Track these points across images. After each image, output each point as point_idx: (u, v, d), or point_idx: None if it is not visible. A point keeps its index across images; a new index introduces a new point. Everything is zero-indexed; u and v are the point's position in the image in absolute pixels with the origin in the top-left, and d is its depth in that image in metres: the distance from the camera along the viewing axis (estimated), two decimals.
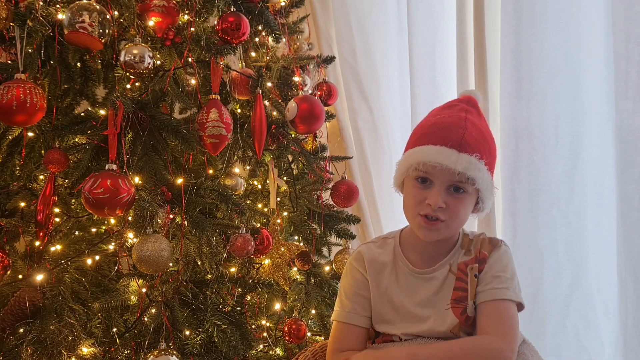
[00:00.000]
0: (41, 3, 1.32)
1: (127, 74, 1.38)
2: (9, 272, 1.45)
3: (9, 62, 1.43)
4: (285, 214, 1.85)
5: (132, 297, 1.46)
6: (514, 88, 1.99)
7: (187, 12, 1.52)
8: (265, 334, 1.69)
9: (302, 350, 1.36)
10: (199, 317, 1.46)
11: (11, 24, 1.29)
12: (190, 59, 1.47)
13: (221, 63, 1.49)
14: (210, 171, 1.61)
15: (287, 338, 1.63)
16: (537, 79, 1.97)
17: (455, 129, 1.01)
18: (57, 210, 1.50)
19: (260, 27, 1.71)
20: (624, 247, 1.85)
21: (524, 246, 1.99)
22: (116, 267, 1.49)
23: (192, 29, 1.49)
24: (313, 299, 1.75)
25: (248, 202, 1.80)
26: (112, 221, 1.56)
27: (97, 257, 1.54)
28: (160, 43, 1.46)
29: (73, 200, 1.55)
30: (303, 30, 2.06)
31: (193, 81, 1.55)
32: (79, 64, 1.48)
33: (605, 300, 1.90)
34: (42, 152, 1.52)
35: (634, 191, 1.84)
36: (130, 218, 1.43)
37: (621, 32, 1.85)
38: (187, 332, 1.44)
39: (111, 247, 1.57)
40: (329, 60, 1.88)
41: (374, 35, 2.40)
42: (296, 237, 1.93)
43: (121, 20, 1.45)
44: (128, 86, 1.48)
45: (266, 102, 1.61)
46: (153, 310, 1.44)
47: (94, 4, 1.30)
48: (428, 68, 2.27)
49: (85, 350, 1.35)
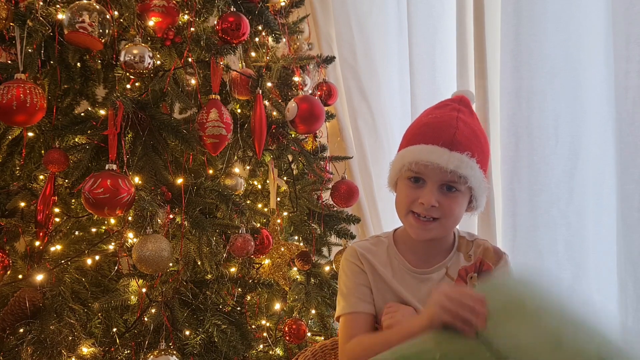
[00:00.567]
0: (41, 3, 1.32)
1: (127, 74, 1.38)
2: (9, 272, 1.45)
3: (9, 62, 1.43)
4: (285, 214, 1.85)
5: (132, 297, 1.46)
6: (514, 88, 1.98)
7: (187, 12, 1.52)
8: (265, 334, 1.69)
9: (302, 350, 1.36)
10: (199, 317, 1.46)
11: (11, 24, 1.29)
12: (190, 59, 1.47)
13: (221, 63, 1.49)
14: (210, 171, 1.61)
15: (287, 338, 1.63)
16: (537, 79, 1.96)
17: (447, 128, 1.02)
18: (57, 210, 1.50)
19: (260, 27, 1.71)
20: (623, 247, 1.85)
21: (523, 246, 1.99)
22: (116, 267, 1.49)
23: (192, 29, 1.49)
24: (313, 299, 1.75)
25: (248, 202, 1.80)
26: (112, 221, 1.56)
27: (97, 257, 1.55)
28: (160, 43, 1.46)
29: (73, 200, 1.55)
30: (303, 30, 2.06)
31: (193, 81, 1.56)
32: (79, 64, 1.49)
33: (605, 300, 1.90)
34: (42, 152, 1.52)
35: (634, 191, 1.83)
36: (130, 218, 1.43)
37: (621, 32, 1.84)
38: (187, 332, 1.44)
39: (111, 247, 1.57)
40: (329, 60, 1.88)
41: (374, 35, 2.40)
42: (296, 237, 1.93)
43: (121, 20, 1.45)
44: (128, 86, 1.48)
45: (266, 102, 1.61)
46: (153, 310, 1.44)
47: (94, 4, 1.30)
48: (428, 68, 2.27)
49: (85, 350, 1.35)
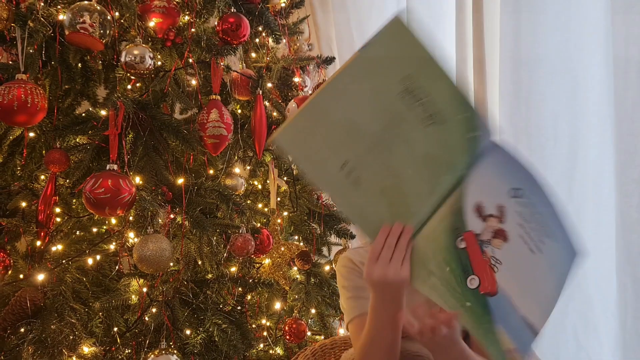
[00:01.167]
0: (42, 4, 1.32)
1: (128, 74, 1.39)
2: (10, 272, 1.45)
3: (10, 62, 1.44)
4: (285, 213, 1.85)
5: (133, 296, 1.46)
6: (513, 89, 1.99)
7: (187, 13, 1.53)
8: (265, 334, 1.70)
9: (302, 350, 1.36)
10: (200, 316, 1.46)
11: (12, 24, 1.29)
12: (190, 60, 1.47)
13: (221, 64, 1.50)
14: (211, 171, 1.62)
15: (288, 337, 1.64)
16: (537, 79, 1.97)
17: None
18: (58, 210, 1.50)
19: (260, 28, 1.72)
20: (623, 248, 1.85)
21: None
22: (117, 267, 1.49)
23: (193, 29, 1.49)
24: (313, 299, 1.75)
25: (248, 202, 1.81)
26: (113, 221, 1.56)
27: (98, 257, 1.55)
28: (161, 44, 1.46)
29: (74, 200, 1.56)
30: (303, 31, 2.07)
31: (193, 82, 1.56)
32: (79, 64, 1.49)
33: (604, 300, 1.90)
34: (43, 152, 1.53)
35: (633, 191, 1.84)
36: (131, 218, 1.43)
37: (621, 32, 1.85)
38: (188, 332, 1.45)
39: (112, 246, 1.57)
40: (329, 60, 1.89)
41: None
42: (296, 237, 1.93)
43: (122, 21, 1.46)
44: (129, 87, 1.49)
45: (266, 103, 1.61)
46: (154, 310, 1.44)
47: (95, 5, 1.31)
48: None
49: (86, 349, 1.35)
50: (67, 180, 1.52)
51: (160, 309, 1.42)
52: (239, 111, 1.71)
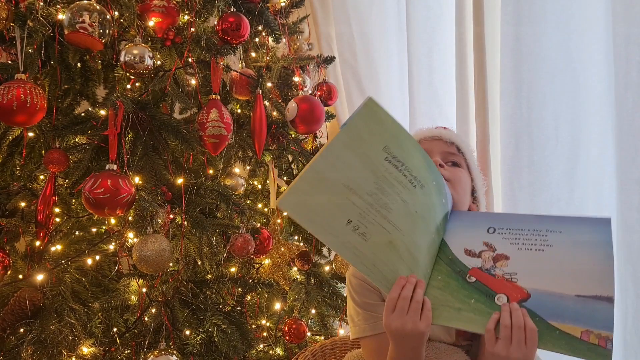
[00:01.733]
0: (41, 3, 1.32)
1: (128, 74, 1.39)
2: (9, 272, 1.45)
3: (10, 62, 1.43)
4: (285, 213, 1.85)
5: (133, 297, 1.46)
6: (514, 88, 1.98)
7: (187, 12, 1.53)
8: (265, 334, 1.69)
9: (302, 350, 1.36)
10: (199, 316, 1.46)
11: (11, 24, 1.29)
12: (190, 59, 1.47)
13: (221, 63, 1.50)
14: (211, 171, 1.62)
15: (287, 338, 1.64)
16: (537, 79, 1.96)
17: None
18: (57, 210, 1.50)
19: (260, 28, 1.71)
20: (623, 248, 1.85)
21: None
22: (116, 267, 1.49)
23: (192, 29, 1.49)
24: (313, 299, 1.75)
25: (248, 202, 1.81)
26: (113, 221, 1.56)
27: (98, 257, 1.55)
28: (161, 43, 1.46)
29: (73, 200, 1.56)
30: (303, 30, 2.07)
31: (193, 81, 1.56)
32: (79, 64, 1.48)
33: None
34: (43, 152, 1.53)
35: (633, 191, 1.84)
36: (130, 218, 1.43)
37: (621, 32, 1.85)
38: (187, 332, 1.44)
39: (111, 247, 1.57)
40: (329, 60, 1.88)
41: (374, 36, 2.40)
42: (296, 237, 1.93)
43: (121, 20, 1.46)
44: (128, 86, 1.48)
45: (266, 102, 1.61)
46: (153, 310, 1.44)
47: (94, 5, 1.30)
48: (426, 69, 2.28)
49: (85, 350, 1.35)
50: (67, 180, 1.51)
51: (159, 309, 1.42)
52: (239, 111, 1.71)
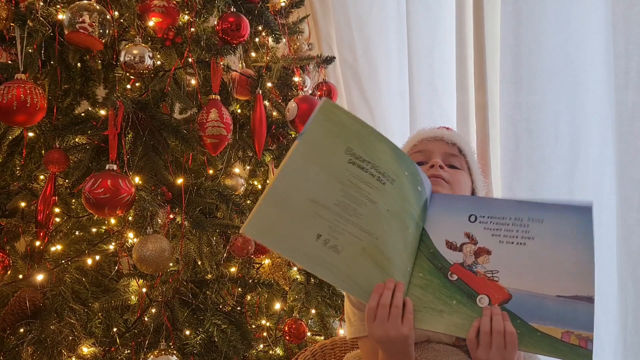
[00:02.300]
0: (41, 3, 1.32)
1: (128, 74, 1.39)
2: (9, 272, 1.45)
3: (10, 62, 1.43)
4: None
5: (133, 297, 1.46)
6: (514, 88, 1.98)
7: (187, 12, 1.53)
8: (265, 334, 1.69)
9: (301, 350, 1.36)
10: (199, 317, 1.46)
11: (11, 24, 1.29)
12: (190, 60, 1.47)
13: (221, 63, 1.50)
14: (210, 171, 1.62)
15: (287, 338, 1.63)
16: (537, 79, 1.96)
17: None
18: (57, 210, 1.50)
19: (260, 28, 1.71)
20: (623, 248, 1.85)
21: None
22: (116, 267, 1.49)
23: (192, 29, 1.49)
24: (313, 299, 1.75)
25: (248, 202, 1.80)
26: (113, 221, 1.56)
27: (98, 257, 1.55)
28: (161, 43, 1.46)
29: (73, 200, 1.56)
30: (303, 30, 2.06)
31: (193, 81, 1.56)
32: (79, 64, 1.49)
33: (604, 300, 1.90)
34: (43, 152, 1.53)
35: (633, 191, 1.84)
36: (130, 218, 1.43)
37: (621, 32, 1.85)
38: (187, 332, 1.44)
39: (111, 247, 1.57)
40: (329, 60, 1.88)
41: (374, 36, 2.40)
42: None
43: (121, 20, 1.46)
44: (128, 86, 1.48)
45: (266, 103, 1.61)
46: (153, 310, 1.44)
47: (94, 4, 1.30)
48: (426, 69, 2.28)
49: (85, 350, 1.35)
50: (67, 180, 1.51)
51: (159, 309, 1.42)
52: (239, 111, 1.71)
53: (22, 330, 1.34)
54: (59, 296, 1.38)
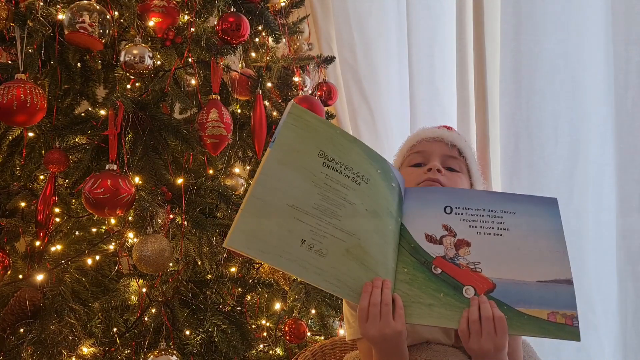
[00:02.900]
0: (41, 3, 1.32)
1: (128, 74, 1.39)
2: (9, 272, 1.45)
3: (10, 62, 1.43)
4: None
5: (133, 297, 1.46)
6: (513, 88, 1.99)
7: (187, 12, 1.53)
8: (265, 334, 1.69)
9: (302, 350, 1.36)
10: (199, 317, 1.46)
11: (11, 24, 1.29)
12: (190, 59, 1.47)
13: (221, 63, 1.50)
14: (210, 171, 1.62)
15: (287, 338, 1.63)
16: (537, 79, 1.97)
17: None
18: (57, 210, 1.50)
19: (260, 28, 1.71)
20: (623, 247, 1.85)
21: None
22: (116, 267, 1.49)
23: (192, 29, 1.49)
24: (313, 299, 1.75)
25: None
26: (113, 221, 1.56)
27: (98, 257, 1.55)
28: (161, 43, 1.46)
29: (73, 200, 1.56)
30: (303, 30, 2.06)
31: (193, 81, 1.56)
32: (79, 64, 1.49)
33: (604, 300, 1.90)
34: (43, 152, 1.52)
35: (633, 191, 1.84)
36: (130, 218, 1.43)
37: (621, 32, 1.85)
38: (187, 332, 1.44)
39: (111, 247, 1.57)
40: (329, 60, 1.88)
41: (374, 36, 2.40)
42: None
43: (121, 20, 1.46)
44: (128, 86, 1.48)
45: (266, 102, 1.61)
46: (153, 310, 1.44)
47: (94, 5, 1.30)
48: (427, 69, 2.28)
49: (85, 350, 1.35)
50: (67, 180, 1.51)
51: (159, 309, 1.42)
52: (239, 111, 1.71)
53: (22, 330, 1.34)
54: (59, 296, 1.38)
